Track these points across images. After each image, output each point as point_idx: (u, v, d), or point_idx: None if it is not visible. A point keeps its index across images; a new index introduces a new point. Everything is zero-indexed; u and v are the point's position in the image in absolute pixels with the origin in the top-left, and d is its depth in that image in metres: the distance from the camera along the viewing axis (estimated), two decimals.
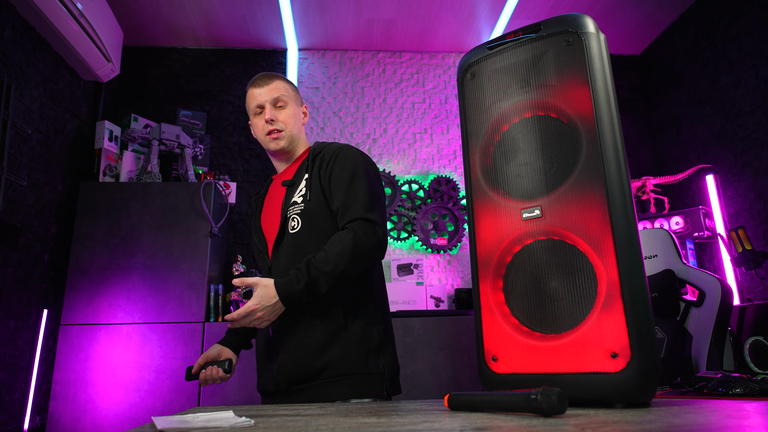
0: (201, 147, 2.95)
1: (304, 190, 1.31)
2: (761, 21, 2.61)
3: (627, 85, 3.61)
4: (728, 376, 1.15)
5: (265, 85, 1.40)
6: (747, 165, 2.70)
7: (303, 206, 1.29)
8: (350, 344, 1.24)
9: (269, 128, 1.38)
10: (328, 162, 1.31)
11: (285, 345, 1.27)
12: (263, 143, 1.42)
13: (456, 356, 2.47)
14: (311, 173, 1.33)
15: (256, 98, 1.40)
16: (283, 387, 1.26)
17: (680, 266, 2.08)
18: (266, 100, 1.39)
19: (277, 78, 1.43)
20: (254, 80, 1.43)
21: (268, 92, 1.40)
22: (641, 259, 0.77)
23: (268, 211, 1.41)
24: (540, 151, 0.87)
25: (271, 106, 1.39)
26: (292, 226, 1.29)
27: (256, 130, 1.43)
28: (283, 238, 1.30)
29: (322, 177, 1.31)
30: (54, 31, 2.39)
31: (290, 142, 1.40)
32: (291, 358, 1.25)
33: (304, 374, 1.24)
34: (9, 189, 2.19)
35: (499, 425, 0.58)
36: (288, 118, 1.40)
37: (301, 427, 0.62)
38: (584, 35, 0.85)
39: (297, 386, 1.25)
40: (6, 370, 2.17)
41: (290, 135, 1.40)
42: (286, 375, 1.25)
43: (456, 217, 3.27)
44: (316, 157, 1.37)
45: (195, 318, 2.42)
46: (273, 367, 1.28)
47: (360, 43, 3.48)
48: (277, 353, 1.28)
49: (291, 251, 1.28)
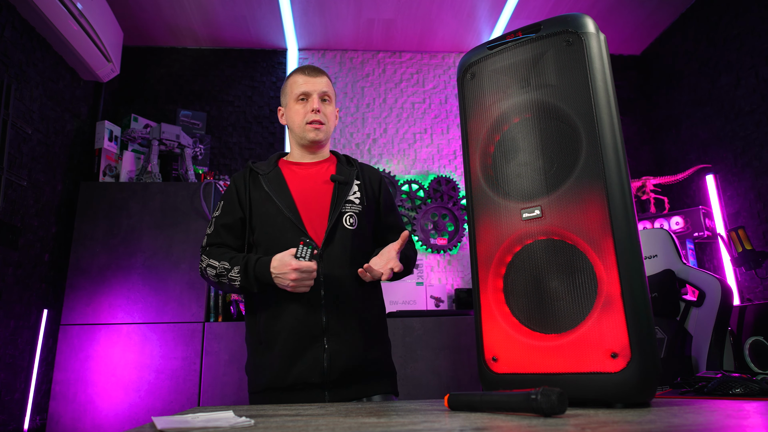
0: (201, 147, 2.95)
1: (359, 194, 1.41)
2: (761, 21, 2.61)
3: (627, 85, 3.61)
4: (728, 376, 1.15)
5: (317, 77, 1.43)
6: (747, 165, 2.70)
7: (360, 208, 1.39)
8: (386, 343, 1.39)
9: (313, 117, 1.39)
10: (379, 182, 1.49)
11: (338, 334, 1.26)
12: (299, 130, 1.41)
13: (456, 356, 2.47)
14: (363, 181, 1.44)
15: (303, 86, 1.41)
16: (333, 378, 1.24)
17: (680, 266, 2.08)
18: (315, 90, 1.41)
19: (326, 74, 1.46)
20: (303, 69, 1.44)
21: (318, 84, 1.42)
22: (641, 259, 0.77)
23: (305, 196, 1.36)
24: (540, 151, 0.87)
25: (319, 98, 1.41)
26: (350, 222, 1.36)
27: (295, 116, 1.42)
28: (337, 230, 1.34)
29: (375, 190, 1.47)
30: (54, 31, 2.39)
31: (326, 137, 1.45)
32: (346, 348, 1.26)
33: (357, 366, 1.27)
34: (9, 189, 2.19)
35: (499, 425, 0.58)
36: (330, 114, 1.44)
37: (301, 427, 0.62)
38: (584, 35, 0.85)
39: (348, 377, 1.26)
40: (6, 370, 2.17)
41: (328, 130, 1.44)
42: (340, 365, 1.24)
43: (456, 217, 3.27)
44: (363, 170, 1.48)
45: (195, 318, 2.42)
46: (322, 356, 1.24)
47: (360, 43, 3.48)
48: (323, 342, 1.25)
49: (346, 245, 1.34)
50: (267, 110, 3.41)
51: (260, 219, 1.35)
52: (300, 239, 1.26)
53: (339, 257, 1.31)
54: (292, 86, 1.43)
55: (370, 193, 1.44)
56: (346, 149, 3.38)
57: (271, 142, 3.35)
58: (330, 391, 1.25)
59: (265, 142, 3.35)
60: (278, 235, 1.31)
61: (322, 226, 1.33)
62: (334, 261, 1.31)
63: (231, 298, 2.56)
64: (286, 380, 1.25)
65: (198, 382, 2.34)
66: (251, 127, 3.37)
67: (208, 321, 2.45)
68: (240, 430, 0.60)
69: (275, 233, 1.32)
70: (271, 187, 1.36)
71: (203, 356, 2.37)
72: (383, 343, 1.38)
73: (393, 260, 1.28)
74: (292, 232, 1.30)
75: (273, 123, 3.39)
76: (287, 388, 1.25)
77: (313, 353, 1.24)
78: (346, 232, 1.34)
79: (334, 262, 1.30)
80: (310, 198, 1.37)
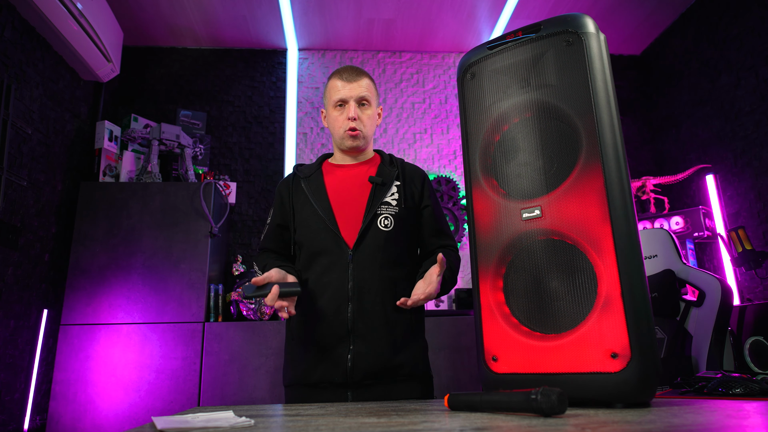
0: (201, 147, 2.95)
1: (397, 195, 1.39)
2: (761, 21, 2.61)
3: (627, 85, 3.61)
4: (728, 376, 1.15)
5: (354, 81, 1.40)
6: (747, 165, 2.70)
7: (397, 209, 1.37)
8: (418, 347, 1.36)
9: (351, 125, 1.39)
10: (422, 183, 1.46)
11: (363, 335, 1.26)
12: (338, 137, 1.42)
13: (456, 356, 2.47)
14: (404, 183, 1.42)
15: (341, 92, 1.40)
16: (356, 379, 1.24)
17: (680, 266, 2.08)
18: (351, 96, 1.39)
19: (364, 75, 1.43)
20: (342, 72, 1.42)
21: (355, 89, 1.40)
22: (641, 259, 0.77)
23: (342, 198, 1.39)
24: (540, 151, 0.87)
25: (356, 104, 1.40)
26: (384, 224, 1.35)
27: (334, 123, 1.42)
28: (369, 231, 1.33)
29: (415, 193, 1.43)
30: (54, 31, 2.39)
31: (366, 142, 1.44)
32: (371, 350, 1.25)
33: (381, 368, 1.26)
34: (9, 189, 2.19)
35: (499, 425, 0.58)
36: (368, 119, 1.43)
37: (301, 427, 0.62)
38: (584, 35, 0.85)
39: (371, 380, 1.25)
40: (6, 370, 2.17)
41: (367, 135, 1.43)
42: (364, 367, 1.24)
43: (456, 217, 3.27)
44: (405, 170, 1.45)
45: (195, 318, 2.42)
46: (346, 357, 1.25)
47: (360, 43, 3.48)
48: (348, 343, 1.26)
49: (379, 246, 1.32)
50: (267, 110, 3.41)
51: (301, 220, 1.40)
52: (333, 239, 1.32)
53: (369, 259, 1.31)
54: (330, 92, 1.43)
55: (410, 195, 1.42)
56: None
57: (271, 142, 3.35)
58: (353, 392, 1.26)
59: (265, 142, 3.35)
60: (313, 236, 1.36)
61: (356, 227, 1.33)
62: (364, 262, 1.31)
63: (231, 298, 2.56)
64: (311, 378, 1.28)
65: (198, 382, 2.34)
66: (251, 127, 3.37)
67: (208, 321, 2.45)
68: (240, 430, 0.60)
69: (311, 234, 1.36)
70: (311, 189, 1.41)
71: (203, 356, 2.37)
72: (416, 347, 1.35)
73: (432, 284, 1.25)
74: (326, 233, 1.34)
75: (273, 123, 3.39)
76: (312, 385, 1.28)
77: (339, 353, 1.26)
78: (379, 234, 1.33)
79: (364, 264, 1.30)
80: (347, 199, 1.38)
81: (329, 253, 1.33)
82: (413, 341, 1.34)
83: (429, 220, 1.43)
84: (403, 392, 1.28)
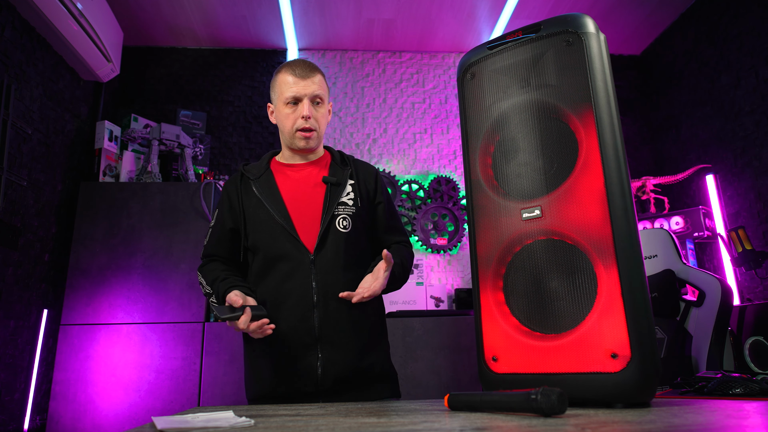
0: (201, 147, 2.95)
1: (353, 195, 1.36)
2: (761, 21, 2.61)
3: (627, 85, 3.61)
4: (728, 376, 1.15)
5: (307, 78, 1.32)
6: (747, 165, 2.70)
7: (354, 209, 1.34)
8: (383, 347, 1.36)
9: (304, 125, 1.32)
10: (375, 179, 1.43)
11: (332, 342, 1.24)
12: (289, 135, 1.34)
13: (456, 356, 2.47)
14: (358, 182, 1.38)
15: (293, 88, 1.31)
16: (327, 386, 1.22)
17: (680, 266, 2.08)
18: (305, 94, 1.32)
19: (317, 71, 1.35)
20: (293, 66, 1.33)
21: (309, 86, 1.32)
22: (641, 259, 0.77)
23: (296, 200, 1.33)
24: (540, 151, 0.87)
25: (310, 102, 1.32)
26: (343, 225, 1.32)
27: (285, 120, 1.34)
28: (329, 234, 1.29)
29: (369, 191, 1.40)
30: (54, 31, 2.39)
31: (319, 141, 1.38)
32: (341, 356, 1.24)
33: (352, 372, 1.24)
34: (9, 189, 2.18)
35: (499, 425, 0.58)
36: (321, 117, 1.36)
37: (301, 427, 0.62)
38: (584, 35, 0.85)
39: (342, 386, 1.23)
40: (6, 370, 2.17)
41: (320, 135, 1.37)
42: (334, 373, 1.22)
43: (456, 217, 3.27)
44: (358, 168, 1.41)
45: (195, 318, 2.42)
46: (315, 365, 1.22)
47: (360, 43, 3.47)
48: (316, 351, 1.23)
49: (339, 248, 1.29)
50: (267, 110, 3.41)
51: (253, 225, 1.32)
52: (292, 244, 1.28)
53: (332, 262, 1.27)
54: (281, 86, 1.34)
55: (364, 193, 1.38)
56: (346, 149, 3.38)
57: (271, 142, 3.35)
58: (324, 400, 1.23)
59: (265, 142, 3.35)
60: (271, 242, 1.29)
61: (315, 231, 1.29)
62: (326, 266, 1.27)
63: None
64: (278, 389, 1.24)
65: (198, 382, 2.34)
66: (251, 127, 3.37)
67: (208, 321, 2.45)
68: (240, 430, 0.60)
69: (268, 239, 1.30)
70: (263, 192, 1.33)
71: (203, 356, 2.37)
72: (381, 347, 1.34)
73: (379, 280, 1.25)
74: (284, 237, 1.28)
75: (273, 123, 3.39)
76: (280, 396, 1.24)
77: (307, 362, 1.22)
78: (339, 236, 1.30)
79: (326, 268, 1.27)
80: (302, 201, 1.33)
81: (289, 259, 1.27)
82: (379, 341, 1.35)
83: (382, 217, 1.41)
84: (373, 394, 1.27)
